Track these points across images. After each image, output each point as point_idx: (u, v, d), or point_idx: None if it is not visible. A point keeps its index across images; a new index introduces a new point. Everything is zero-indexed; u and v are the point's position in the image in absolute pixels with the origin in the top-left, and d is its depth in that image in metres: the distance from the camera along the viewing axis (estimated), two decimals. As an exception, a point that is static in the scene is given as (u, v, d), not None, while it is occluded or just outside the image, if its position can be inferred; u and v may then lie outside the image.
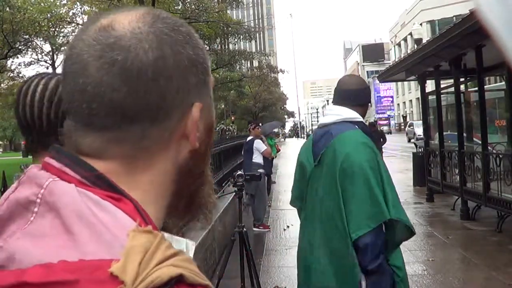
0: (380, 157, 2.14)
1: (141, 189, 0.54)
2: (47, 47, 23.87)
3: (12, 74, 24.14)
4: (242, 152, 8.81)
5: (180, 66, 0.54)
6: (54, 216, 0.48)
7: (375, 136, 13.71)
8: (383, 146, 13.23)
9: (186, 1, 21.08)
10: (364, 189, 2.00)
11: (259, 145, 8.01)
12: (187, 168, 0.58)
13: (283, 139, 68.90)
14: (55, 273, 0.43)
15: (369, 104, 2.36)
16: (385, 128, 54.15)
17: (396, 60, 12.72)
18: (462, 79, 8.68)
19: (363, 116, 2.29)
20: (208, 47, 26.59)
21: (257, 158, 7.99)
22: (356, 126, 2.18)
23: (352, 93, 2.26)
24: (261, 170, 7.64)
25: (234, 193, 4.46)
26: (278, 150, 14.88)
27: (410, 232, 2.07)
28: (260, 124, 9.11)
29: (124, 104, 0.51)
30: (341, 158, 2.05)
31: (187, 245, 1.38)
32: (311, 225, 2.20)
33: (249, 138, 8.33)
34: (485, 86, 8.04)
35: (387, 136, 13.54)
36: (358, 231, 1.97)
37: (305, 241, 2.25)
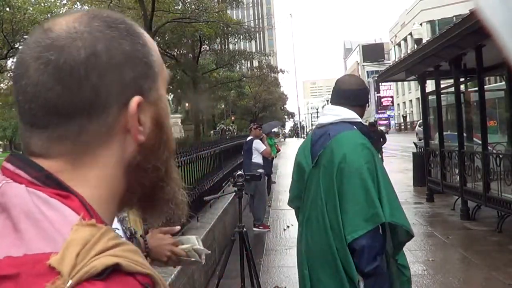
0: (378, 159, 2.13)
1: (90, 185, 0.56)
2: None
3: (12, 74, 24.18)
4: (242, 152, 8.81)
5: (114, 62, 0.55)
6: (6, 217, 0.50)
7: (375, 136, 13.72)
8: (383, 146, 13.25)
9: (186, 1, 21.07)
10: (360, 191, 1.99)
11: (258, 145, 8.01)
12: (135, 163, 0.59)
13: (283, 139, 68.89)
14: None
15: (368, 104, 2.37)
16: (382, 128, 53.41)
17: (396, 60, 12.71)
18: (462, 79, 8.68)
19: (362, 116, 2.28)
20: (208, 47, 26.62)
21: (257, 158, 7.99)
22: (354, 127, 2.18)
23: (351, 93, 2.25)
24: (260, 170, 7.64)
25: (234, 193, 4.46)
26: (278, 150, 14.88)
27: (408, 235, 2.08)
28: (261, 125, 9.09)
29: (59, 102, 0.53)
30: (338, 159, 2.05)
31: (197, 240, 1.48)
32: (309, 226, 2.19)
33: (249, 138, 8.33)
34: (485, 86, 8.04)
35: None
36: (354, 233, 1.96)
37: (302, 244, 2.24)
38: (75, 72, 0.53)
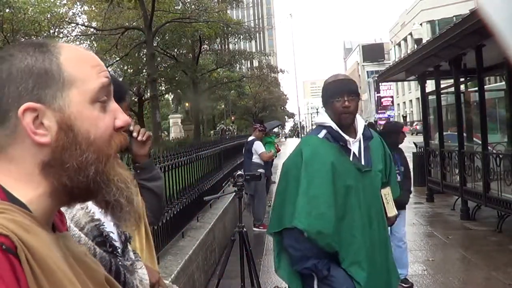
0: (325, 166, 2.13)
1: (13, 178, 0.67)
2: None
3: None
4: (243, 152, 8.78)
5: (10, 77, 0.67)
6: None
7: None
8: None
9: (186, 1, 21.06)
10: (280, 193, 2.24)
11: (257, 147, 7.94)
12: (48, 161, 0.68)
13: (284, 139, 68.79)
14: None
15: (332, 102, 2.24)
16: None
17: (396, 60, 12.71)
18: (462, 79, 8.68)
19: (332, 116, 2.24)
20: (208, 47, 26.61)
21: (257, 158, 7.96)
22: (323, 130, 2.26)
23: (322, 95, 2.35)
24: (261, 170, 7.63)
25: (234, 193, 4.46)
26: (278, 150, 14.86)
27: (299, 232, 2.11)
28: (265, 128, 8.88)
29: None
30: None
31: None
32: None
33: (251, 138, 8.27)
34: (485, 86, 8.04)
35: None
36: (271, 230, 2.26)
37: None
38: None
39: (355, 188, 2.14)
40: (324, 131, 2.23)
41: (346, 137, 2.21)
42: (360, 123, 2.30)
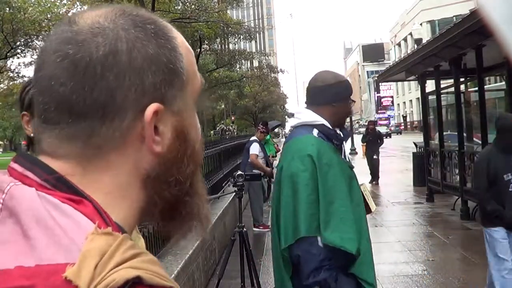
0: (334, 167, 1.95)
1: (103, 191, 0.53)
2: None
3: (12, 74, 24.14)
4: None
5: (134, 64, 0.52)
6: (14, 221, 0.47)
7: (373, 137, 13.62)
8: (380, 148, 13.24)
9: (186, 1, 21.07)
10: (290, 200, 1.91)
11: (252, 147, 7.89)
12: (155, 173, 0.55)
13: (284, 139, 68.72)
14: (11, 279, 0.43)
15: (345, 100, 2.12)
16: (382, 131, 51.42)
17: (396, 60, 12.71)
18: (462, 79, 8.68)
19: (337, 114, 2.11)
20: (208, 47, 26.61)
21: (258, 159, 7.94)
22: (314, 130, 2.03)
23: (316, 91, 2.11)
24: (256, 171, 7.59)
25: (234, 193, 4.46)
26: (278, 150, 14.86)
27: (345, 254, 1.85)
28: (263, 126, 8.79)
29: (71, 99, 0.51)
30: (281, 165, 2.02)
31: None
32: (273, 236, 2.11)
33: (252, 138, 8.23)
34: (485, 86, 8.04)
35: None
36: (284, 244, 1.89)
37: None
38: (90, 69, 0.50)
39: (356, 187, 2.08)
40: (316, 130, 2.03)
41: (341, 135, 2.11)
42: None
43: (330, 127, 2.06)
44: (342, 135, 2.13)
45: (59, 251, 0.45)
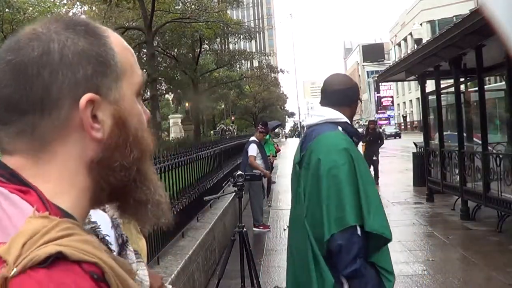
0: (360, 161, 2.08)
1: (52, 181, 0.58)
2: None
3: None
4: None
5: (66, 60, 0.58)
6: None
7: (372, 137, 13.56)
8: (380, 148, 13.23)
9: (186, 1, 21.06)
10: (332, 192, 1.99)
11: (250, 148, 7.89)
12: (97, 160, 0.61)
13: (284, 139, 68.79)
14: None
15: (358, 102, 2.32)
16: (391, 130, 50.96)
17: (396, 60, 12.71)
18: (462, 79, 8.68)
19: (352, 115, 2.27)
20: (208, 47, 26.61)
21: (256, 160, 7.93)
22: (339, 127, 2.16)
23: (337, 94, 2.24)
24: (256, 171, 7.57)
25: (234, 193, 4.46)
26: (278, 151, 14.86)
27: (384, 240, 2.01)
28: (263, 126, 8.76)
29: (13, 98, 0.57)
30: (315, 160, 2.07)
31: None
32: (294, 230, 2.21)
33: (252, 138, 8.23)
34: (485, 86, 8.04)
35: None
36: (325, 234, 1.97)
37: (289, 247, 2.27)
38: (28, 70, 0.57)
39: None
40: (339, 128, 2.16)
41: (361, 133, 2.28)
42: None
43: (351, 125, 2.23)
44: (360, 133, 2.30)
45: (2, 234, 0.52)
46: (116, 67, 0.62)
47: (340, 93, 2.23)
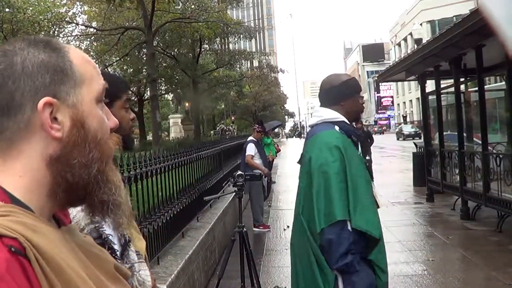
0: (354, 159, 2.15)
1: (17, 176, 0.67)
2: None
3: None
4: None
5: (27, 70, 0.68)
6: None
7: (363, 136, 13.53)
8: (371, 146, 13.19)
9: (186, 1, 21.06)
10: (321, 188, 2.07)
11: (248, 148, 7.88)
12: (56, 156, 0.68)
13: (284, 139, 68.77)
14: None
15: (353, 96, 2.31)
16: (409, 130, 50.74)
17: (396, 60, 12.71)
18: (462, 79, 8.68)
19: (351, 111, 2.30)
20: (208, 47, 26.61)
21: (255, 158, 7.93)
22: (336, 126, 2.23)
23: (329, 93, 2.31)
24: (256, 171, 7.58)
25: (234, 193, 4.46)
26: (278, 151, 14.87)
27: (374, 238, 2.05)
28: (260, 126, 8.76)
29: None
30: (307, 159, 2.18)
31: None
32: (295, 226, 2.28)
33: (250, 138, 8.25)
34: (485, 86, 8.04)
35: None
36: (315, 229, 2.05)
37: (291, 246, 2.34)
38: None
39: (369, 181, 2.25)
40: (337, 127, 2.22)
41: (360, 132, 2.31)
42: None
43: (349, 123, 2.27)
44: (358, 132, 2.36)
45: None
46: (74, 76, 0.71)
47: (330, 92, 2.30)
